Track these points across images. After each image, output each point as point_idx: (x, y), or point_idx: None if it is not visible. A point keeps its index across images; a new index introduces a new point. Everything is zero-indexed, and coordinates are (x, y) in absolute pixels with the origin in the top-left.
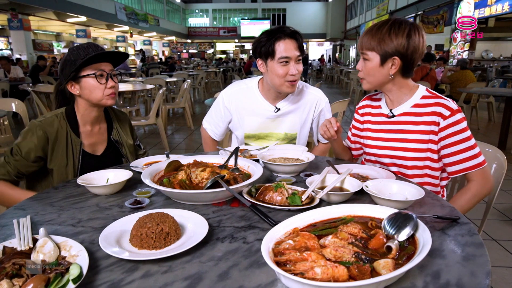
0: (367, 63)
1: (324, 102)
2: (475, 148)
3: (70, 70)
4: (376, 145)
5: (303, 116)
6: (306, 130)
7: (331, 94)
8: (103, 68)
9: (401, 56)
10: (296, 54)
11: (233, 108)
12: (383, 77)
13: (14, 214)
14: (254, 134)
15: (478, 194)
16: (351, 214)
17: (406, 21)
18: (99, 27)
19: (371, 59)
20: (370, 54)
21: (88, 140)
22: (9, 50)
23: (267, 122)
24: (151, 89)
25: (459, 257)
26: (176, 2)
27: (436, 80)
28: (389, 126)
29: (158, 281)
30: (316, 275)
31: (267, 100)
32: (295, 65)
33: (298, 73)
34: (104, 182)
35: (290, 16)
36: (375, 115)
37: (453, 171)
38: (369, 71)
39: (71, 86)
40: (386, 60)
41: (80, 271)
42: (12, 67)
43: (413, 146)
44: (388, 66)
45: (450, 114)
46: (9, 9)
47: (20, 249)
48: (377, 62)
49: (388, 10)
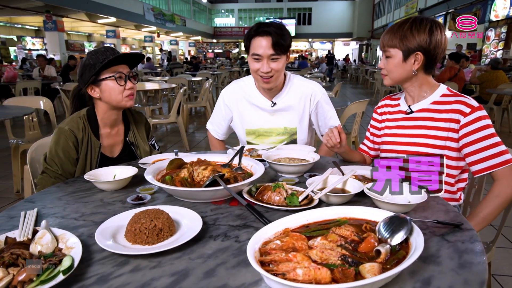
0: (390, 60)
1: (320, 94)
2: (501, 145)
3: (90, 74)
4: (393, 141)
5: (300, 109)
6: (305, 124)
7: (355, 94)
8: (121, 70)
9: (424, 52)
10: (268, 53)
11: (233, 105)
12: (406, 72)
13: (24, 207)
14: (254, 130)
15: (509, 192)
16: (346, 216)
17: (427, 18)
18: (128, 27)
19: (393, 56)
20: (392, 51)
21: (106, 141)
22: (44, 50)
23: (266, 117)
24: (174, 88)
25: (455, 264)
26: (203, 3)
27: (464, 80)
28: (407, 122)
29: (145, 276)
30: (298, 276)
31: (263, 95)
32: (269, 62)
33: (272, 70)
34: (111, 178)
35: (316, 15)
36: (393, 113)
37: (478, 170)
38: (392, 68)
39: (91, 89)
40: (409, 56)
41: (71, 263)
42: (46, 66)
43: (430, 142)
44: (411, 62)
45: (471, 111)
46: (44, 11)
47: (19, 239)
48: (400, 58)
49: (417, 8)
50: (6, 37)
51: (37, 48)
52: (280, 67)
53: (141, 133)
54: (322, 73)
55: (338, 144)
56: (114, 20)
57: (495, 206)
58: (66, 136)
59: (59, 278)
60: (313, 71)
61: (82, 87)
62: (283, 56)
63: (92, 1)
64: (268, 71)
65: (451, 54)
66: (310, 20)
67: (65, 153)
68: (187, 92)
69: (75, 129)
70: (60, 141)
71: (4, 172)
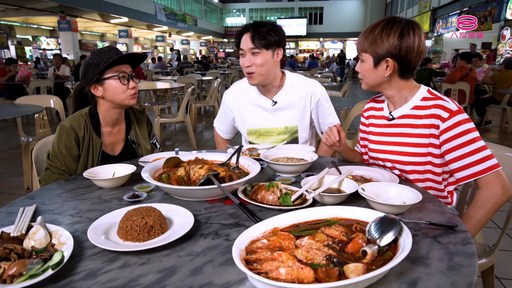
0: (363, 64)
1: (320, 93)
2: (484, 150)
3: (93, 73)
4: (377, 149)
5: (300, 108)
6: (306, 122)
7: (366, 94)
8: (124, 69)
9: (394, 58)
10: (249, 47)
11: (235, 106)
12: (379, 79)
13: (23, 203)
14: (255, 130)
15: (493, 202)
16: (337, 216)
17: (401, 20)
18: (140, 27)
19: (365, 61)
20: (364, 56)
21: (108, 139)
22: (58, 50)
23: (266, 116)
24: (184, 87)
25: (444, 266)
26: (214, 2)
27: (476, 80)
28: (389, 129)
29: (133, 272)
30: (280, 275)
31: (264, 94)
32: (249, 57)
33: (253, 65)
34: (109, 176)
35: (327, 14)
36: (377, 118)
37: (462, 177)
38: (364, 73)
39: (95, 88)
40: (379, 62)
41: (61, 258)
42: (62, 65)
43: (412, 150)
44: (383, 68)
45: (449, 116)
46: (59, 11)
47: (13, 235)
48: (371, 63)
49: (430, 7)
50: (22, 37)
51: (51, 48)
52: (261, 62)
53: (143, 132)
54: (333, 72)
55: (337, 143)
56: (127, 20)
57: (481, 216)
58: (68, 133)
59: (47, 273)
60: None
61: (85, 85)
62: (265, 52)
63: (105, 1)
64: (249, 65)
65: (462, 53)
66: (322, 20)
67: (67, 150)
68: (196, 92)
69: (76, 126)
70: (62, 138)
71: (16, 169)
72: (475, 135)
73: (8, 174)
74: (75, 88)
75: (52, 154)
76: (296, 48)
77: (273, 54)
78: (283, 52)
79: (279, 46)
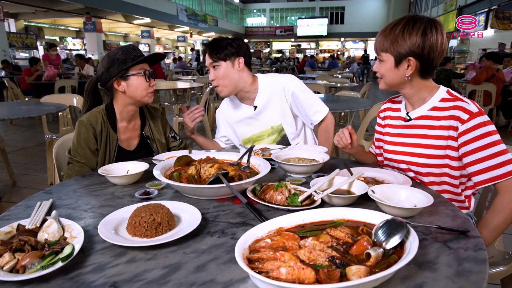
0: (382, 64)
1: (293, 85)
2: (504, 154)
3: (119, 68)
4: (392, 150)
5: (277, 105)
6: (288, 118)
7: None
8: (146, 68)
9: (416, 57)
10: (209, 62)
11: (224, 123)
12: (399, 78)
13: (41, 197)
14: (248, 138)
15: (510, 209)
16: (344, 218)
17: (422, 17)
18: (162, 28)
19: (385, 61)
20: (384, 56)
21: (124, 135)
22: (83, 50)
23: (252, 122)
24: (202, 87)
25: (453, 271)
26: (235, 3)
27: (504, 81)
28: (406, 130)
29: (139, 267)
30: (281, 275)
31: (244, 103)
32: (212, 71)
33: (216, 79)
34: (123, 173)
35: (349, 14)
36: (394, 119)
37: (480, 181)
38: (384, 73)
39: (118, 83)
40: (401, 61)
41: (71, 251)
42: (86, 65)
43: (429, 152)
44: (404, 67)
45: (469, 118)
46: (85, 13)
47: (28, 227)
48: (392, 63)
49: (456, 5)
50: (50, 38)
51: (77, 48)
52: (223, 74)
53: (157, 127)
54: (353, 73)
55: (349, 145)
56: (149, 20)
57: (499, 222)
58: (86, 127)
59: (58, 265)
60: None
61: (106, 79)
62: (224, 63)
63: (128, 3)
64: (212, 78)
65: (488, 53)
66: (343, 19)
67: (86, 143)
68: (215, 91)
69: (93, 121)
70: (81, 133)
71: (40, 165)
72: (495, 138)
73: (33, 170)
74: (87, 84)
75: (73, 148)
76: (317, 48)
77: (233, 64)
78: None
79: (238, 55)
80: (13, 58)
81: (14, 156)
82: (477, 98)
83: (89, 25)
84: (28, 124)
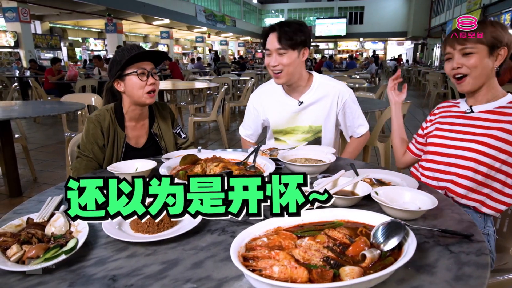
0: (471, 57)
1: (347, 94)
2: None
3: (116, 69)
4: (440, 143)
5: (326, 108)
6: (331, 123)
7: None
8: (145, 66)
9: (508, 47)
10: (276, 47)
11: (261, 108)
12: (488, 71)
13: (52, 193)
14: (281, 130)
15: None
16: (344, 219)
17: None
18: (181, 28)
19: (476, 52)
20: (472, 47)
21: (132, 133)
22: (104, 51)
23: (292, 117)
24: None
25: (451, 276)
26: (253, 3)
27: None
28: (464, 120)
29: (139, 262)
30: (273, 273)
31: (290, 95)
32: (276, 57)
33: (280, 65)
34: (131, 171)
35: (368, 14)
36: (448, 112)
37: None
38: (474, 64)
39: (117, 83)
40: (494, 50)
41: (74, 245)
42: (105, 65)
43: (491, 142)
44: (493, 58)
45: None
46: (106, 14)
47: (36, 221)
48: (485, 53)
49: (481, 4)
50: (73, 39)
51: (99, 49)
52: (288, 62)
53: (167, 125)
54: (371, 73)
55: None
56: (168, 21)
57: None
58: (94, 124)
59: (61, 258)
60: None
61: (110, 80)
62: (292, 52)
63: (148, 4)
64: (275, 64)
65: None
66: (362, 19)
67: (94, 139)
68: (231, 92)
69: (101, 119)
70: (89, 129)
71: (60, 162)
72: None
73: (54, 167)
74: (106, 84)
75: (82, 144)
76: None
77: (299, 54)
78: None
79: (305, 46)
80: (38, 58)
81: (36, 153)
82: None
83: (110, 26)
84: (50, 123)
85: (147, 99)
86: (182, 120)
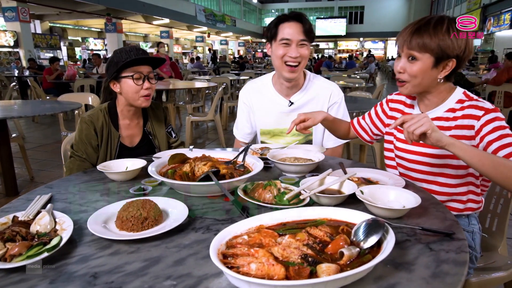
0: (416, 64)
1: (340, 96)
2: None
3: (112, 70)
4: (401, 147)
5: (317, 109)
6: (322, 127)
7: None
8: (141, 70)
9: (457, 58)
10: (299, 38)
11: (250, 103)
12: (431, 81)
13: (42, 191)
14: (268, 131)
15: None
16: (327, 217)
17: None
18: (180, 28)
19: (421, 60)
20: (420, 55)
21: (126, 132)
22: (104, 50)
23: (281, 117)
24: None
25: (429, 273)
26: (253, 3)
27: None
28: None
29: (121, 259)
30: (251, 270)
31: (280, 94)
32: (297, 48)
33: (300, 56)
34: (122, 169)
35: (368, 13)
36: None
37: None
38: (417, 73)
39: (113, 84)
40: (440, 62)
41: (57, 243)
42: (102, 64)
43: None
44: (439, 69)
45: (484, 113)
46: (106, 14)
47: (21, 219)
48: (430, 64)
49: (481, 4)
50: (73, 39)
51: (98, 49)
52: (308, 54)
53: (160, 123)
54: (370, 73)
55: None
56: (168, 21)
57: None
58: (87, 124)
59: (43, 255)
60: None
61: (106, 79)
62: (309, 45)
63: (148, 4)
64: (297, 55)
65: (510, 53)
66: (362, 19)
67: (87, 139)
68: (230, 91)
69: (94, 119)
70: (82, 129)
71: (57, 162)
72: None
73: (50, 166)
74: (103, 83)
75: (75, 143)
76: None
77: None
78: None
79: (312, 41)
80: (38, 58)
81: (34, 152)
82: (497, 99)
83: (110, 26)
84: (48, 122)
85: (143, 102)
86: (180, 120)
